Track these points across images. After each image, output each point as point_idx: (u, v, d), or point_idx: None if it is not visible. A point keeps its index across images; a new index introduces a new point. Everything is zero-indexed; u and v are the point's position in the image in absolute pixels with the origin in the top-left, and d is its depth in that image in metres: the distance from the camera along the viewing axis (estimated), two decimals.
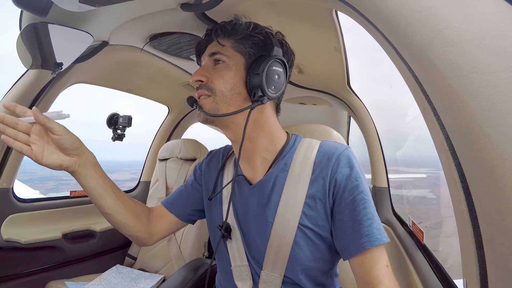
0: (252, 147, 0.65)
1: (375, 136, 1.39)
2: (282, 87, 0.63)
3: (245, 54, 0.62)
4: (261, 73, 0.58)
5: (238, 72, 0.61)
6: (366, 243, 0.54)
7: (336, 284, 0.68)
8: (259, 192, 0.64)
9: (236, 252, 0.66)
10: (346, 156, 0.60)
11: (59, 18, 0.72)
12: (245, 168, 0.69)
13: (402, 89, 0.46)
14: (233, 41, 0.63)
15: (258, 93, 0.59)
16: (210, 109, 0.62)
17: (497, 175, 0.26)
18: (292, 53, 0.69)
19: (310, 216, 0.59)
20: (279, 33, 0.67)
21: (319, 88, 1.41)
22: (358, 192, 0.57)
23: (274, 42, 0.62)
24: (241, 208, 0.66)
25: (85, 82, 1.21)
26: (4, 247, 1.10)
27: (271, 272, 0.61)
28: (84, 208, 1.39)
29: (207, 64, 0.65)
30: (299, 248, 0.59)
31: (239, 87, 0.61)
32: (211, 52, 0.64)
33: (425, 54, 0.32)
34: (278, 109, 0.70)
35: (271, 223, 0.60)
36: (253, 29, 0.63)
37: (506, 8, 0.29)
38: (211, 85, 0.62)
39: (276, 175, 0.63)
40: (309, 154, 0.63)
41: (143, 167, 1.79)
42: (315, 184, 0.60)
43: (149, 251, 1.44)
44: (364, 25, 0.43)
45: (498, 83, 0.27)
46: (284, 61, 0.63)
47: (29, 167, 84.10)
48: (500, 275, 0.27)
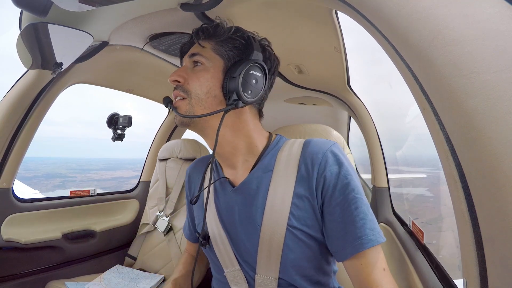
0: (232, 151, 0.65)
1: (375, 136, 1.39)
2: (261, 92, 0.61)
3: (225, 57, 0.61)
4: (238, 76, 0.57)
5: (215, 75, 0.60)
6: (359, 245, 0.52)
7: (334, 281, 0.67)
8: (243, 194, 0.63)
9: (226, 257, 0.65)
10: (333, 153, 0.58)
11: (59, 18, 0.72)
12: (227, 171, 0.68)
13: (402, 88, 0.46)
14: (214, 43, 0.62)
15: (234, 96, 0.57)
16: (185, 112, 0.61)
17: (497, 175, 0.26)
18: (276, 60, 0.68)
19: (299, 216, 0.57)
20: (265, 39, 0.67)
21: (319, 88, 1.41)
22: (349, 191, 0.55)
23: (255, 46, 0.61)
24: (226, 211, 0.65)
25: (85, 82, 1.21)
26: (4, 247, 1.10)
27: (265, 275, 0.59)
28: (84, 208, 1.39)
29: (187, 65, 0.64)
30: (290, 250, 0.57)
31: (215, 90, 0.60)
32: (191, 53, 0.63)
33: (425, 54, 0.32)
34: (261, 113, 0.69)
35: (259, 225, 0.59)
36: (234, 32, 0.62)
37: (506, 8, 0.29)
38: (187, 86, 0.61)
39: (258, 175, 0.62)
40: (293, 152, 0.61)
41: (143, 167, 1.79)
42: (301, 183, 0.58)
43: (149, 251, 1.44)
44: (364, 25, 0.43)
45: (498, 83, 0.27)
46: (264, 66, 0.61)
47: (32, 165, 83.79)
48: (500, 275, 0.27)
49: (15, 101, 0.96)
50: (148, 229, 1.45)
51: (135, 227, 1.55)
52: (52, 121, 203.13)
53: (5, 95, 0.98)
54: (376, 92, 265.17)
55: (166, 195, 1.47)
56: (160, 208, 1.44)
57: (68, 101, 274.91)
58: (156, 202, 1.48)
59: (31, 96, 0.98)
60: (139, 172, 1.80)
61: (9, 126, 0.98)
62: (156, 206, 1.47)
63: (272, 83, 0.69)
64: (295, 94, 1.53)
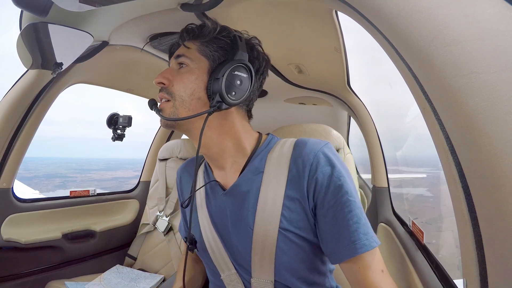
0: (219, 152, 0.63)
1: (375, 136, 1.39)
2: (246, 93, 0.60)
3: (210, 58, 0.60)
4: (221, 78, 0.56)
5: (200, 76, 0.59)
6: (353, 250, 0.51)
7: (331, 280, 0.66)
8: (234, 197, 0.62)
9: (221, 261, 0.64)
10: (324, 154, 0.56)
11: (59, 18, 0.72)
12: (217, 174, 0.67)
13: (402, 88, 0.46)
14: (199, 44, 0.61)
15: (217, 98, 0.56)
16: (170, 114, 0.60)
17: (497, 175, 0.26)
18: (265, 60, 0.66)
19: (290, 218, 0.56)
20: (254, 37, 0.65)
21: (319, 88, 1.41)
22: (342, 194, 0.53)
23: (239, 46, 0.59)
24: (218, 214, 0.65)
25: (85, 82, 1.21)
26: (4, 247, 1.10)
27: (260, 278, 0.59)
28: (84, 208, 1.39)
29: (172, 66, 0.63)
30: (283, 252, 0.56)
31: (199, 92, 0.59)
32: (177, 54, 0.62)
33: (425, 54, 0.32)
34: (250, 114, 0.68)
35: (251, 229, 0.58)
36: (219, 32, 0.61)
37: (506, 8, 0.29)
38: (172, 89, 0.60)
39: (248, 178, 0.61)
40: (284, 153, 0.60)
41: (143, 167, 1.79)
42: (292, 184, 0.57)
43: (149, 251, 1.44)
44: (364, 25, 0.43)
45: (498, 83, 0.27)
46: (250, 66, 0.60)
47: (32, 165, 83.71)
48: (500, 275, 0.27)
49: (15, 101, 0.96)
50: (148, 229, 1.45)
51: (135, 227, 1.55)
52: (52, 120, 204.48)
53: (5, 95, 0.98)
54: (376, 92, 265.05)
55: (166, 195, 1.47)
56: (160, 208, 1.44)
57: (67, 101, 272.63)
58: (156, 202, 1.48)
59: (31, 96, 0.98)
60: (139, 172, 1.80)
61: (9, 126, 0.98)
62: (156, 206, 1.48)
63: (261, 83, 0.67)
64: (295, 94, 1.53)
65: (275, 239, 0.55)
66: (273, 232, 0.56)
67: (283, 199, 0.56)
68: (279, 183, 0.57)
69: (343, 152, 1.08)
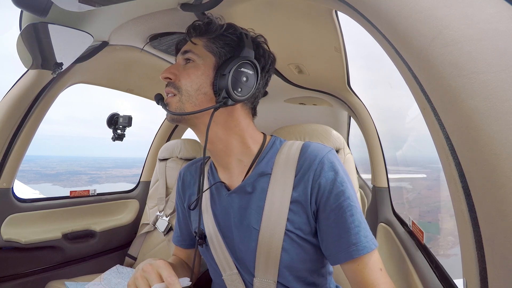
0: (224, 149, 0.64)
1: (375, 136, 1.39)
2: (252, 90, 0.60)
3: (216, 54, 0.61)
4: (227, 74, 0.56)
5: (206, 72, 0.60)
6: (354, 252, 0.53)
7: (330, 282, 0.67)
8: (239, 198, 0.62)
9: (223, 260, 0.65)
10: (329, 160, 0.58)
11: (59, 18, 0.72)
12: (222, 174, 0.68)
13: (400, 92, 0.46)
14: (206, 40, 0.62)
15: (223, 94, 0.57)
16: (176, 109, 0.60)
17: (497, 175, 0.26)
18: (271, 58, 0.67)
19: (294, 221, 0.58)
20: (260, 35, 0.66)
21: (319, 88, 1.41)
22: (344, 198, 0.55)
23: (246, 43, 0.60)
24: (222, 215, 0.65)
25: (85, 82, 1.21)
26: (4, 247, 1.10)
27: (264, 278, 0.59)
28: (84, 208, 1.39)
29: (179, 62, 0.64)
30: (287, 253, 0.58)
31: (205, 87, 0.59)
32: (183, 50, 0.63)
33: (425, 54, 0.32)
34: (254, 112, 0.68)
35: (257, 229, 0.59)
36: (226, 29, 0.62)
37: (506, 8, 0.29)
38: (178, 83, 0.60)
39: (255, 179, 0.62)
40: (291, 156, 0.61)
41: (143, 167, 1.79)
42: (297, 188, 0.58)
43: (149, 251, 1.44)
44: (364, 25, 0.43)
45: (498, 83, 0.27)
46: (256, 63, 0.60)
47: (41, 163, 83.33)
48: (500, 275, 0.27)
49: (15, 101, 0.96)
50: (148, 229, 1.45)
51: (135, 227, 1.55)
52: (51, 120, 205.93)
53: (5, 95, 0.98)
54: (376, 93, 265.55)
55: (166, 195, 1.47)
56: (160, 208, 1.44)
57: (67, 101, 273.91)
58: (156, 202, 1.48)
59: (31, 96, 0.98)
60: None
61: (9, 126, 0.98)
62: (156, 206, 1.48)
63: (267, 81, 0.67)
64: (295, 94, 1.53)
65: (281, 240, 0.57)
66: (280, 233, 0.57)
67: (290, 201, 0.58)
68: (286, 185, 0.59)
69: (343, 152, 1.08)
